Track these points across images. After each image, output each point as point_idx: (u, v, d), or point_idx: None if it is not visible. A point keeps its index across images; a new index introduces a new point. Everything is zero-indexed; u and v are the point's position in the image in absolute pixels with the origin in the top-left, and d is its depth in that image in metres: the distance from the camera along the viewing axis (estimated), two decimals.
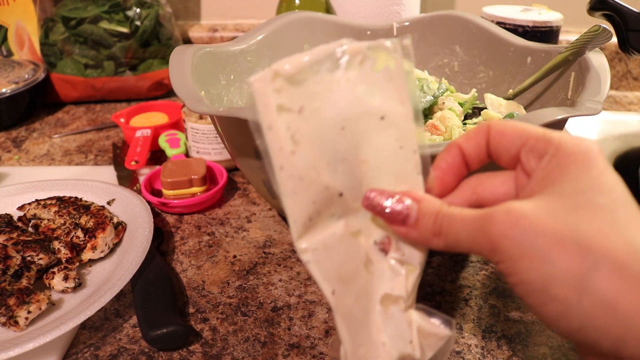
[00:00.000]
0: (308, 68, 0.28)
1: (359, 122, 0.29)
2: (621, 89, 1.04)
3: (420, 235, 0.29)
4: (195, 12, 1.18)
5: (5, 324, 0.44)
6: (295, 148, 0.28)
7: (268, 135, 0.28)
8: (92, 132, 0.87)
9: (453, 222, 0.28)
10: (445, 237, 0.28)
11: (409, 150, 0.30)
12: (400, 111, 0.30)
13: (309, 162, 0.29)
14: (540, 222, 0.24)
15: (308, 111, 0.28)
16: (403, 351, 0.31)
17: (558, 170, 0.26)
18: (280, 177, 0.28)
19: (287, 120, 0.28)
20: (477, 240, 0.27)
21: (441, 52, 0.70)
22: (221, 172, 0.67)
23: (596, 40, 0.51)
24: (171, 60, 0.53)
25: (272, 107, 0.28)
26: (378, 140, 0.30)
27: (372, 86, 0.29)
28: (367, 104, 0.29)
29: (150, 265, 0.50)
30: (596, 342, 0.24)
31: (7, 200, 0.62)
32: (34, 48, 0.97)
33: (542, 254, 0.24)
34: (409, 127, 0.30)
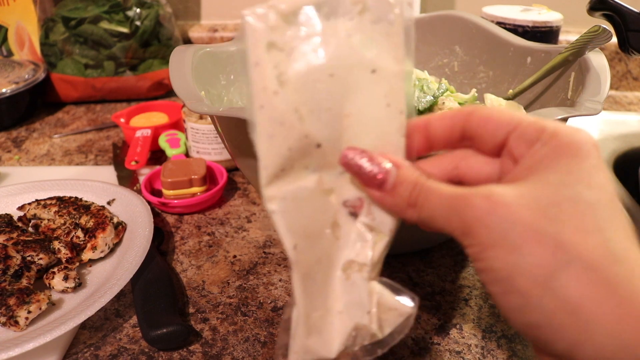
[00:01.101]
0: (306, 10, 0.27)
1: (349, 72, 0.28)
2: (621, 89, 1.04)
3: (395, 203, 0.28)
4: (196, 12, 1.18)
5: (6, 324, 0.44)
6: (279, 89, 0.27)
7: (253, 71, 0.27)
8: (92, 132, 0.87)
9: (430, 196, 0.27)
10: (419, 210, 0.27)
11: (395, 109, 0.29)
12: (393, 68, 0.29)
13: (291, 105, 0.27)
14: (519, 212, 0.24)
15: (298, 53, 0.27)
16: (359, 322, 0.30)
17: (548, 158, 0.25)
18: (259, 117, 0.27)
19: (275, 59, 0.27)
20: (450, 220, 0.26)
21: (441, 52, 0.70)
22: (221, 172, 0.67)
23: (596, 41, 0.51)
24: (171, 61, 0.53)
25: (263, 43, 0.27)
26: (366, 94, 0.29)
27: (368, 38, 0.28)
28: (361, 55, 0.28)
29: (151, 265, 0.50)
30: (551, 342, 0.23)
31: (7, 200, 0.62)
32: (34, 48, 0.97)
33: (515, 245, 0.23)
34: (400, 86, 0.29)
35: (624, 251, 0.23)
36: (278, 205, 0.28)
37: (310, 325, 0.30)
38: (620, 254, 0.22)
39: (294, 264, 0.29)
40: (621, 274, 0.22)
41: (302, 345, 0.30)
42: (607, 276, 0.22)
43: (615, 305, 0.22)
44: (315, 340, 0.30)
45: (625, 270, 0.22)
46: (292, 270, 0.29)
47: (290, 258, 0.29)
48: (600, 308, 0.22)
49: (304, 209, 0.29)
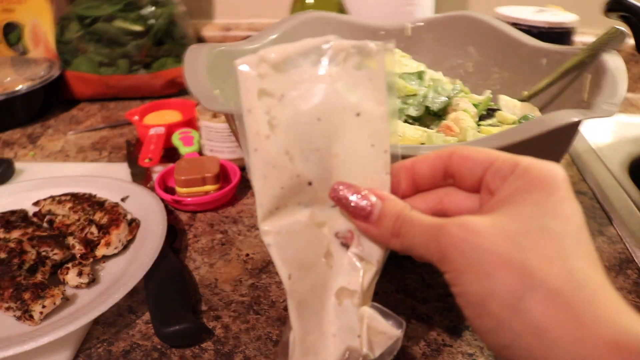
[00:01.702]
0: (293, 58, 0.29)
1: (335, 115, 0.30)
2: (637, 92, 1.04)
3: (380, 233, 0.30)
4: (209, 11, 1.19)
5: (21, 318, 0.44)
6: (270, 133, 0.29)
7: (247, 118, 0.29)
8: (106, 129, 0.88)
9: (411, 225, 0.29)
10: (402, 239, 0.29)
11: (380, 149, 0.31)
12: (376, 111, 0.31)
13: (282, 148, 0.30)
14: (490, 240, 0.25)
15: (288, 99, 0.29)
16: (350, 344, 0.32)
17: (520, 192, 0.27)
18: (253, 159, 0.30)
19: (266, 105, 0.29)
20: (429, 248, 0.28)
21: (455, 53, 0.70)
22: (234, 171, 0.68)
23: (613, 43, 0.50)
24: (186, 59, 0.53)
25: (254, 91, 0.29)
26: (351, 136, 0.31)
27: (352, 83, 0.30)
28: (345, 99, 0.30)
29: (164, 262, 0.51)
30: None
31: (22, 196, 0.62)
32: (50, 46, 0.98)
33: (487, 270, 0.25)
34: (383, 127, 0.31)
35: (587, 278, 0.24)
36: (273, 239, 0.31)
37: (305, 348, 0.32)
38: (584, 280, 0.24)
39: (288, 292, 0.31)
40: (583, 299, 0.23)
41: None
42: (570, 301, 0.23)
43: (576, 327, 0.23)
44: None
45: (588, 295, 0.24)
46: (288, 298, 0.31)
47: (286, 287, 0.31)
48: (563, 330, 0.23)
49: (297, 241, 0.31)
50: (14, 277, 0.46)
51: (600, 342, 0.22)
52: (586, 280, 0.24)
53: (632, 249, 0.56)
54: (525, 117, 0.54)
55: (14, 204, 0.61)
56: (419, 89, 0.58)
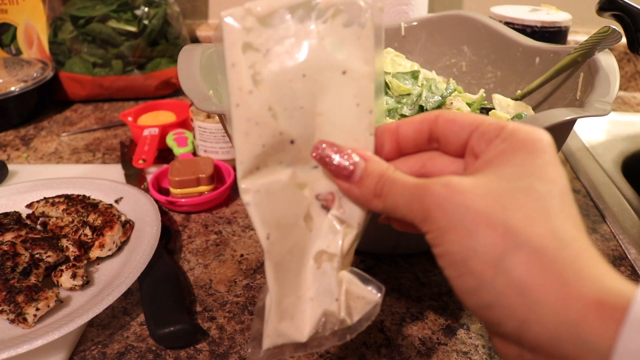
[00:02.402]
0: (281, 13, 0.29)
1: (320, 72, 0.29)
2: (630, 90, 1.04)
3: (362, 193, 0.30)
4: (203, 11, 1.18)
5: (14, 321, 0.44)
6: (254, 88, 0.29)
7: (230, 72, 0.28)
8: (100, 130, 0.87)
9: (394, 185, 0.28)
10: (384, 199, 0.29)
11: (365, 109, 0.31)
12: (362, 69, 0.30)
13: (265, 104, 0.29)
14: (474, 199, 0.25)
15: (273, 54, 0.29)
16: (328, 308, 0.32)
17: (505, 154, 0.27)
18: (235, 114, 0.29)
19: (251, 60, 0.29)
20: (411, 207, 0.27)
21: (449, 52, 0.70)
22: (229, 171, 0.68)
23: (605, 42, 0.51)
24: (179, 59, 0.53)
25: (239, 44, 0.28)
26: (336, 94, 0.30)
27: (339, 41, 0.30)
28: (332, 56, 0.30)
29: (158, 263, 0.51)
30: (502, 322, 0.25)
31: (15, 198, 0.62)
32: (43, 47, 0.97)
33: (469, 229, 0.25)
34: (369, 87, 0.30)
35: (571, 238, 0.24)
36: (252, 197, 0.30)
37: (282, 311, 0.32)
38: (567, 240, 0.24)
39: (266, 252, 0.30)
40: (566, 258, 0.24)
41: (275, 330, 0.32)
42: (553, 259, 0.23)
43: (559, 286, 0.23)
44: (287, 325, 0.32)
45: (571, 254, 0.24)
46: (265, 259, 0.31)
47: (264, 247, 0.30)
48: (546, 288, 0.23)
49: (277, 201, 0.31)
50: (7, 280, 0.46)
51: (583, 300, 0.22)
52: (569, 240, 0.24)
53: (625, 246, 0.56)
54: (519, 116, 0.54)
55: (7, 206, 0.61)
56: (413, 89, 0.58)
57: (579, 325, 0.22)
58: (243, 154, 0.29)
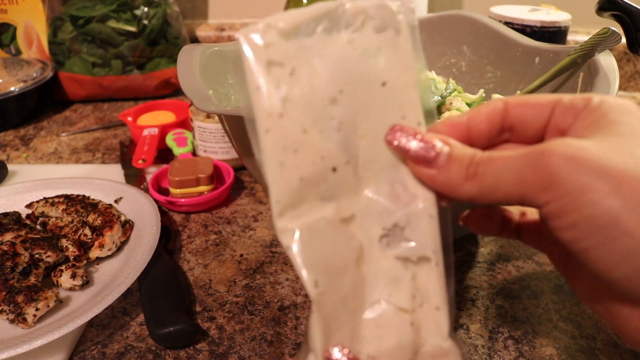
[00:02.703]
0: (305, 25, 0.26)
1: (357, 87, 0.26)
2: (629, 90, 1.04)
3: (449, 179, 0.26)
4: (203, 11, 1.18)
5: (14, 321, 0.44)
6: (284, 111, 0.25)
7: (254, 96, 0.25)
8: (100, 130, 0.87)
9: (493, 162, 0.25)
10: (481, 179, 0.25)
11: (412, 121, 0.27)
12: (404, 78, 0.27)
13: (299, 128, 0.25)
14: (606, 155, 0.22)
15: (301, 72, 0.25)
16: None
17: (606, 117, 0.24)
18: (266, 143, 0.25)
19: (277, 80, 0.25)
20: (525, 177, 0.24)
21: (449, 52, 0.70)
22: (228, 171, 0.68)
23: (605, 43, 0.50)
24: (179, 60, 0.53)
25: (262, 64, 0.25)
26: (378, 109, 0.27)
27: (374, 49, 0.26)
28: (368, 68, 0.26)
29: (158, 263, 0.51)
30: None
31: (15, 198, 0.62)
32: (42, 47, 0.97)
33: (612, 186, 0.22)
34: (413, 95, 0.27)
35: None
36: (293, 239, 0.25)
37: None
38: None
39: (316, 303, 0.25)
40: None
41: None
42: None
43: None
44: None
45: None
46: (313, 311, 0.26)
47: (312, 297, 0.25)
48: None
49: (322, 242, 0.26)
50: (6, 280, 0.46)
51: None
52: None
53: None
54: None
55: (6, 206, 0.61)
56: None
57: None
58: (279, 189, 0.25)
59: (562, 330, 0.45)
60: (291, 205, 0.26)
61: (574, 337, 0.45)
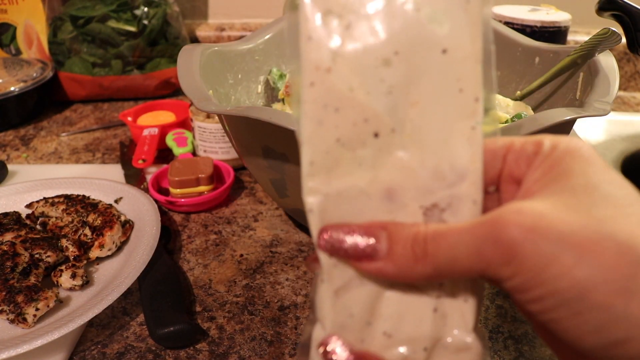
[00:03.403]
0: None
1: (415, 51, 0.24)
2: (629, 90, 1.04)
3: (398, 266, 0.23)
4: (203, 11, 1.18)
5: (14, 321, 0.44)
6: (333, 66, 0.23)
7: (305, 46, 0.23)
8: (100, 130, 0.87)
9: (443, 237, 0.23)
10: (433, 258, 0.23)
11: (470, 96, 0.24)
12: (468, 48, 0.24)
13: (346, 85, 0.24)
14: (564, 220, 0.21)
15: (358, 26, 0.24)
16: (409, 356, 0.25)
17: (558, 167, 0.23)
18: (309, 97, 0.24)
19: (330, 31, 0.23)
20: (482, 252, 0.22)
21: None
22: (228, 171, 0.68)
23: (605, 44, 0.51)
24: (179, 60, 0.53)
25: (319, 12, 0.23)
26: (435, 78, 0.24)
27: (440, 12, 0.24)
28: (431, 31, 0.24)
29: (158, 263, 0.51)
30: None
31: (15, 198, 0.62)
32: (42, 47, 0.97)
33: (576, 256, 0.20)
34: (475, 69, 0.24)
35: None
36: (318, 203, 0.24)
37: None
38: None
39: (325, 273, 0.24)
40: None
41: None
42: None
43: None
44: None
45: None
46: (321, 281, 0.25)
47: (323, 266, 0.24)
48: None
49: (349, 211, 0.24)
50: (6, 280, 0.46)
51: None
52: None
53: None
54: (518, 116, 0.54)
55: (6, 207, 0.61)
56: None
57: None
58: (313, 147, 0.24)
59: None
60: (324, 168, 0.24)
61: None
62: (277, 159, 0.47)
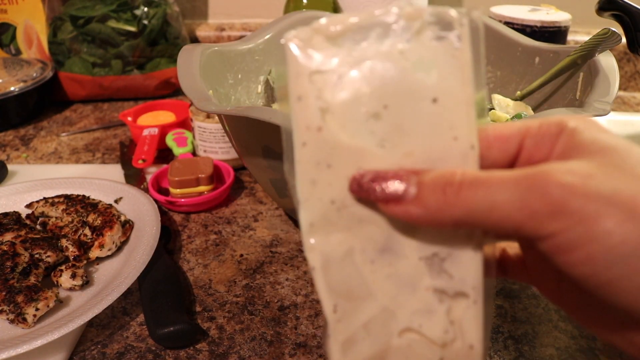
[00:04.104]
0: (354, 31, 0.24)
1: (404, 103, 0.24)
2: (629, 90, 1.04)
3: (425, 208, 0.23)
4: (203, 11, 1.18)
5: (14, 321, 0.44)
6: (323, 124, 0.23)
7: (296, 106, 0.23)
8: (100, 130, 0.87)
9: (481, 183, 0.22)
10: (466, 201, 0.22)
11: (465, 144, 0.24)
12: (459, 94, 0.24)
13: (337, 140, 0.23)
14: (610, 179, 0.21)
15: (346, 81, 0.23)
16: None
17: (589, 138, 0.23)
18: (301, 157, 0.24)
19: (319, 90, 0.23)
20: (527, 202, 0.21)
21: None
22: (228, 171, 0.68)
23: (605, 44, 0.51)
24: (179, 59, 0.53)
25: (306, 73, 0.23)
26: (427, 128, 0.24)
27: (428, 60, 0.24)
28: (419, 81, 0.24)
29: (158, 263, 0.51)
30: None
31: (15, 198, 0.62)
32: (42, 47, 0.97)
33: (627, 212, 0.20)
34: (468, 114, 0.24)
35: None
36: (320, 258, 0.24)
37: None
38: None
39: (331, 328, 0.25)
40: None
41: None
42: None
43: None
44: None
45: None
46: (329, 334, 0.25)
47: (328, 321, 0.24)
48: None
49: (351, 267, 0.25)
50: (6, 280, 0.46)
51: None
52: None
53: None
54: (518, 116, 0.54)
55: (6, 207, 0.61)
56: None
57: None
58: (310, 207, 0.24)
59: (562, 330, 0.45)
60: (322, 226, 0.24)
61: (574, 337, 0.45)
62: (277, 159, 0.47)
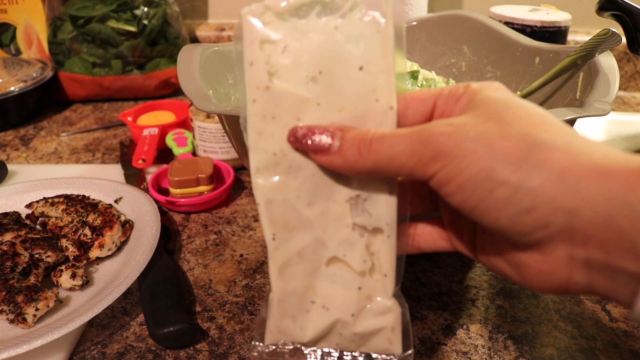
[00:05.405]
0: (299, 8, 0.29)
1: (336, 69, 0.29)
2: (629, 90, 1.04)
3: (345, 158, 0.29)
4: (203, 11, 1.18)
5: (14, 321, 0.44)
6: (270, 84, 0.29)
7: (248, 70, 0.29)
8: (100, 130, 0.87)
9: (385, 139, 0.28)
10: (374, 154, 0.28)
11: (385, 104, 0.29)
12: (381, 63, 0.29)
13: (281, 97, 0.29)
14: (479, 125, 0.26)
15: (290, 50, 0.29)
16: (340, 318, 0.31)
17: (481, 96, 0.28)
18: (251, 111, 0.29)
19: (267, 55, 0.29)
20: (415, 152, 0.27)
21: (449, 52, 0.70)
22: (228, 171, 0.68)
23: (605, 44, 0.50)
24: (179, 59, 0.53)
25: (257, 41, 0.29)
26: (354, 91, 0.29)
27: (356, 35, 0.29)
28: (348, 52, 0.29)
29: (158, 263, 0.50)
30: (549, 221, 0.25)
31: (15, 198, 0.62)
32: (42, 47, 0.97)
33: (486, 146, 0.25)
34: (389, 81, 0.29)
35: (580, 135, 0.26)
36: (264, 196, 0.30)
37: (284, 309, 0.32)
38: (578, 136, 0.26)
39: (270, 253, 0.31)
40: (588, 146, 0.25)
41: (276, 326, 0.32)
42: (578, 148, 0.25)
43: (595, 164, 0.24)
44: (289, 323, 0.32)
45: (590, 144, 0.25)
46: (269, 258, 0.31)
47: (268, 247, 0.30)
48: (584, 168, 0.24)
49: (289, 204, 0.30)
50: (6, 280, 0.46)
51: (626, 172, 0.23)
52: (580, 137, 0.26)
53: None
54: None
55: (6, 207, 0.61)
56: (413, 89, 0.58)
57: (628, 195, 0.23)
58: (257, 153, 0.30)
59: (562, 330, 0.45)
60: (266, 170, 0.30)
61: (574, 337, 0.45)
62: None
